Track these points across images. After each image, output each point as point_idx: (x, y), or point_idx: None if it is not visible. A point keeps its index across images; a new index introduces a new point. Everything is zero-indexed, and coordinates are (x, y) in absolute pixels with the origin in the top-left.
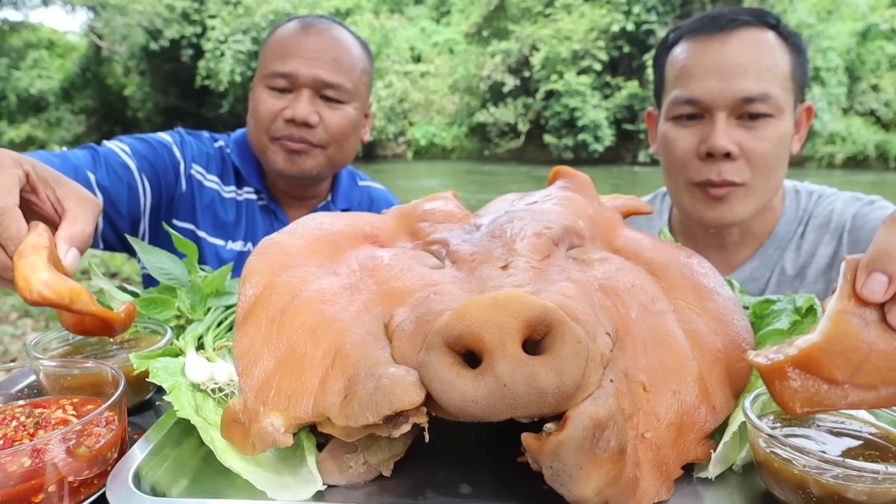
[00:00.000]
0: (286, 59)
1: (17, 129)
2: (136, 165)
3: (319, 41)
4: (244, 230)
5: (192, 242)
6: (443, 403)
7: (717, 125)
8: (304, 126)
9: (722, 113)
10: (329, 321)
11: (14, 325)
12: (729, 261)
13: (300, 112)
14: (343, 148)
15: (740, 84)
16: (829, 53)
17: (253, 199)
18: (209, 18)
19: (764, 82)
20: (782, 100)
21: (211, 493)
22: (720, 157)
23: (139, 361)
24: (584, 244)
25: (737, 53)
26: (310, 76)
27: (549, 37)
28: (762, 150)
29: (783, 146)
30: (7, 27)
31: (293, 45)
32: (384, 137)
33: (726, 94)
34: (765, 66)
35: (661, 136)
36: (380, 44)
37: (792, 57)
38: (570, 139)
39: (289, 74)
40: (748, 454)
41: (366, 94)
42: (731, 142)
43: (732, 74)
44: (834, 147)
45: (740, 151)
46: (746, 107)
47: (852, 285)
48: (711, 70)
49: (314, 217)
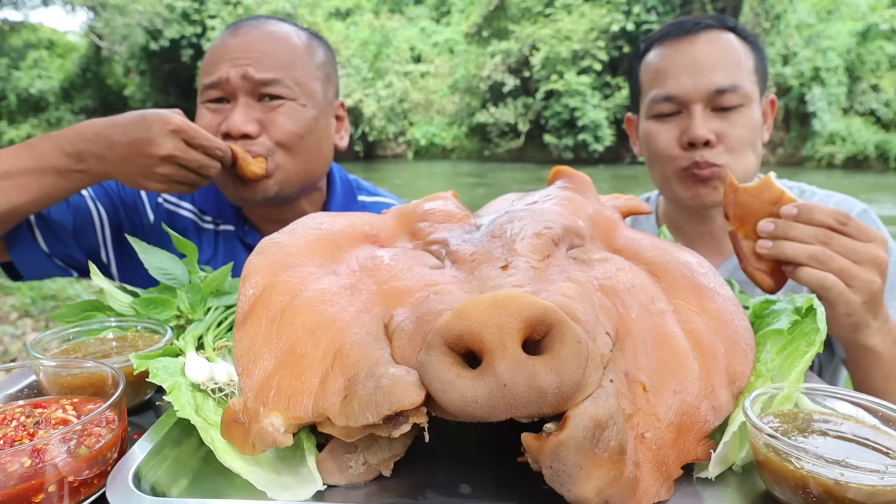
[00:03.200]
0: (213, 66)
1: (17, 129)
2: (90, 193)
3: (247, 38)
4: (222, 263)
5: (192, 243)
6: (443, 403)
7: (695, 117)
8: (243, 139)
9: (698, 105)
10: (329, 321)
11: (14, 325)
12: (719, 249)
13: (233, 123)
14: (300, 156)
15: (711, 78)
16: (829, 53)
17: (232, 231)
18: (209, 18)
19: (732, 75)
20: (750, 91)
21: (211, 493)
22: (700, 146)
23: (139, 361)
24: (584, 244)
25: (705, 52)
26: (238, 76)
27: (549, 37)
28: (737, 135)
29: (755, 132)
30: (7, 27)
31: (219, 51)
32: (384, 137)
33: (700, 88)
34: (731, 62)
35: (644, 134)
36: (380, 44)
37: (753, 54)
38: (570, 139)
39: (217, 82)
40: (748, 454)
41: (324, 90)
42: (708, 131)
43: (703, 70)
44: (834, 147)
45: (718, 138)
46: (719, 98)
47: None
48: (684, 68)
49: (314, 217)
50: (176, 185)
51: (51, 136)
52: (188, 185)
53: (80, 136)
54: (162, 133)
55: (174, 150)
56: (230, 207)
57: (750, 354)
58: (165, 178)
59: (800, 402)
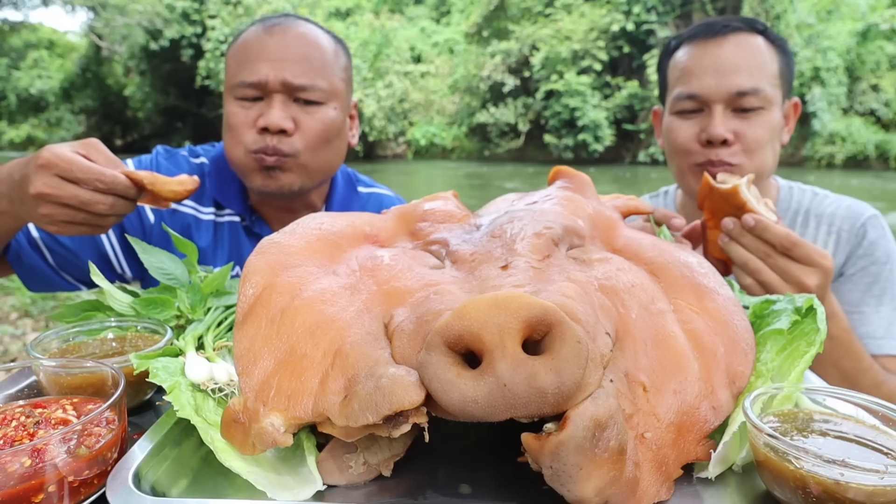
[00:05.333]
0: (251, 65)
1: (17, 129)
2: None
3: (285, 40)
4: (227, 253)
5: (192, 243)
6: (443, 403)
7: (715, 116)
8: (280, 134)
9: (719, 105)
10: (329, 321)
11: (14, 325)
12: None
13: (273, 119)
14: (324, 154)
15: (734, 80)
16: (829, 53)
17: (236, 222)
18: (209, 18)
19: (754, 79)
20: (771, 94)
21: (211, 493)
22: (718, 144)
23: (139, 361)
24: (584, 244)
25: (730, 54)
26: (278, 80)
27: (549, 37)
28: (754, 137)
29: (773, 134)
30: (7, 27)
31: (257, 49)
32: (384, 137)
33: (722, 89)
34: (755, 65)
35: (666, 128)
36: (380, 44)
37: (779, 58)
38: (570, 139)
39: (257, 83)
40: (748, 454)
41: (346, 92)
42: (727, 130)
43: (727, 72)
44: (834, 147)
45: (735, 138)
46: (740, 100)
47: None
48: (709, 69)
49: (314, 217)
50: (68, 225)
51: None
52: (84, 225)
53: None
54: (33, 169)
55: (43, 187)
56: (236, 198)
57: (750, 354)
58: (51, 219)
59: (800, 402)
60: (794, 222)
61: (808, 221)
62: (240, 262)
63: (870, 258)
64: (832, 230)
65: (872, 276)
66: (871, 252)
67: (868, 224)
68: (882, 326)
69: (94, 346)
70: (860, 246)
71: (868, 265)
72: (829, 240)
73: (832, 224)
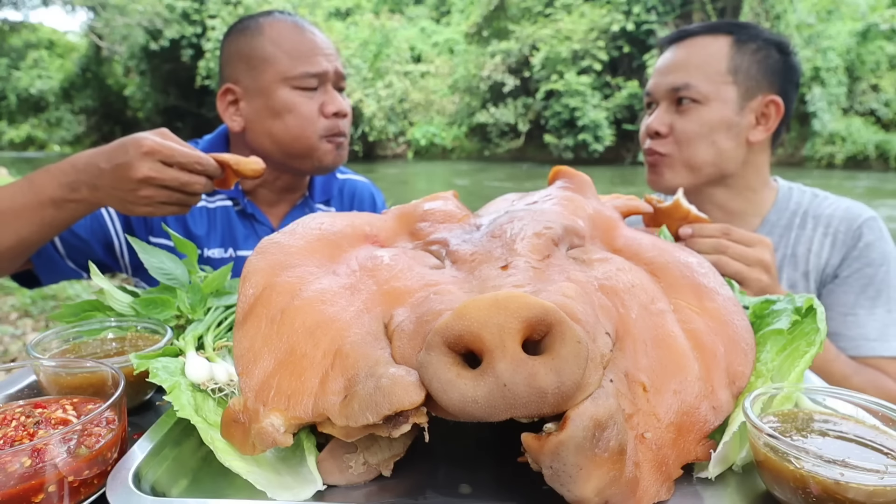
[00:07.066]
0: (310, 59)
1: (17, 129)
2: None
3: (319, 36)
4: (220, 236)
5: (192, 243)
6: (443, 403)
7: (658, 111)
8: (344, 117)
9: (663, 102)
10: (329, 321)
11: (14, 325)
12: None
13: (343, 105)
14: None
15: (670, 78)
16: (829, 53)
17: (228, 206)
18: (209, 18)
19: (689, 76)
20: (707, 90)
21: (211, 493)
22: (653, 136)
23: (139, 361)
24: (584, 244)
25: (677, 56)
26: (333, 70)
27: (549, 37)
28: (683, 129)
29: (708, 127)
30: (7, 27)
31: (310, 45)
32: (384, 137)
33: (661, 87)
34: (694, 64)
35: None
36: (380, 44)
37: (739, 56)
38: (570, 139)
39: (320, 74)
40: (748, 454)
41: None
42: (661, 124)
43: (669, 71)
44: (834, 147)
45: (668, 130)
46: (675, 95)
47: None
48: (659, 70)
49: (314, 217)
50: (163, 206)
51: (49, 169)
52: (177, 205)
53: (72, 166)
54: (136, 156)
55: (150, 171)
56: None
57: (750, 354)
58: (150, 201)
59: (800, 402)
60: (792, 223)
61: (805, 222)
62: (233, 245)
63: (865, 260)
64: (829, 231)
65: (867, 279)
66: (866, 254)
67: (864, 226)
68: (876, 329)
69: (94, 346)
70: (855, 248)
71: (863, 267)
72: (826, 241)
73: (829, 225)
